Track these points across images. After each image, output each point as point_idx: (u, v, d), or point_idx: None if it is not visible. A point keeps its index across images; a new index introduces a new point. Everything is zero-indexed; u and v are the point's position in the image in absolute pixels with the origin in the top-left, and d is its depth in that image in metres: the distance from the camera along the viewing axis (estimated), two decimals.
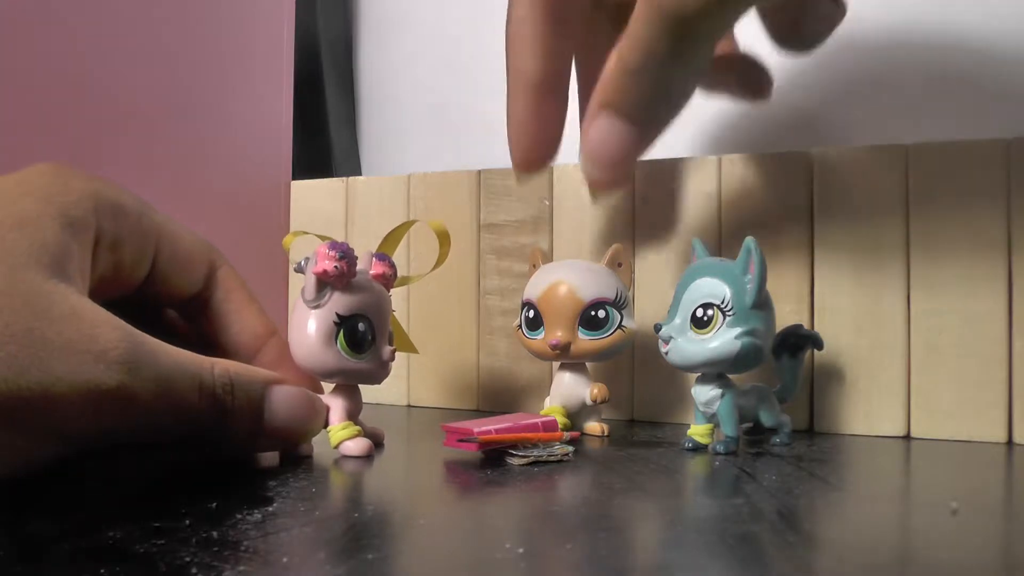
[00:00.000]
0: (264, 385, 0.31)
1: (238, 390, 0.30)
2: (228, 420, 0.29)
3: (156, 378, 0.27)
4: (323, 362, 0.34)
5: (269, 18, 0.56)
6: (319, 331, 0.34)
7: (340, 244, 0.34)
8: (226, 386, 0.29)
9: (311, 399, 0.33)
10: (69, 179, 0.29)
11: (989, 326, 0.40)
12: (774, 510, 0.26)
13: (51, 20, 0.42)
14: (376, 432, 0.38)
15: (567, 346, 0.40)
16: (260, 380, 0.31)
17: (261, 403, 0.31)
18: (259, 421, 0.31)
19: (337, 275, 0.34)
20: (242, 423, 0.30)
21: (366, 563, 0.21)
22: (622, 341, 0.41)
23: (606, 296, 0.40)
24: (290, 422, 0.32)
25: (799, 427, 0.43)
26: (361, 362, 0.35)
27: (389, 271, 0.37)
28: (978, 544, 0.24)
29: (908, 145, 0.42)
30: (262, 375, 0.31)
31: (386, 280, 0.37)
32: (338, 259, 0.34)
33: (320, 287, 0.34)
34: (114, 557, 0.20)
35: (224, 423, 0.29)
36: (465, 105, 0.63)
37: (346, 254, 0.34)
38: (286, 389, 0.32)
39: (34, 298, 0.25)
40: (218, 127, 0.53)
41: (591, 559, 0.22)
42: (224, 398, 0.29)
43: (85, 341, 0.25)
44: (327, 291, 0.34)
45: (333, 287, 0.34)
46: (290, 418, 0.32)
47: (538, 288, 0.42)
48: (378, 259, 0.37)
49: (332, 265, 0.33)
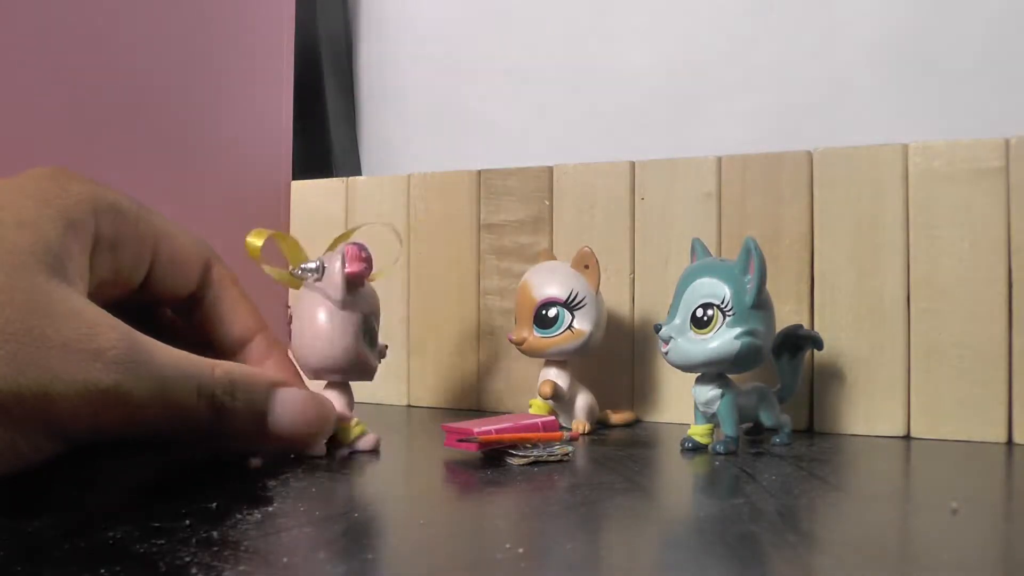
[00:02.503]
0: (268, 389, 0.31)
1: (240, 392, 0.30)
2: (227, 422, 0.29)
3: (152, 378, 0.27)
4: (353, 358, 0.35)
5: (269, 18, 0.56)
6: (352, 330, 0.35)
7: (363, 245, 0.35)
8: (226, 388, 0.29)
9: (319, 402, 0.33)
10: (68, 182, 0.29)
11: (989, 326, 0.40)
12: (774, 510, 0.26)
13: (51, 21, 0.42)
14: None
15: (522, 342, 0.42)
16: (264, 384, 0.31)
17: (264, 407, 0.31)
18: (262, 424, 0.31)
19: (366, 275, 0.35)
20: (243, 425, 0.30)
21: (366, 563, 0.21)
22: (572, 342, 0.41)
23: (556, 296, 0.41)
24: (297, 426, 0.32)
25: (799, 427, 0.43)
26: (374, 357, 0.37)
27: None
28: (978, 544, 0.24)
29: (908, 145, 0.42)
30: (266, 379, 0.31)
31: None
32: (364, 260, 0.35)
33: (350, 287, 0.35)
34: (114, 557, 0.20)
35: (223, 425, 0.29)
36: (465, 105, 0.63)
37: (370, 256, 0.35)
38: (293, 392, 0.32)
39: (35, 296, 0.25)
40: (218, 127, 0.53)
41: (591, 559, 0.22)
42: (223, 399, 0.29)
43: (83, 340, 0.26)
44: (355, 291, 0.35)
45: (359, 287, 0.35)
46: (296, 422, 0.32)
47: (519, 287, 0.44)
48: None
49: (364, 266, 0.35)
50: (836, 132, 0.52)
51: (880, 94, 0.52)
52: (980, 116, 0.49)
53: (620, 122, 0.58)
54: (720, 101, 0.56)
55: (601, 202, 0.48)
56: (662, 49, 0.57)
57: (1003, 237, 0.40)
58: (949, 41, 0.50)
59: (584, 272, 0.42)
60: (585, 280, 0.42)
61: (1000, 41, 0.49)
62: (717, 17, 0.56)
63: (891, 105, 0.51)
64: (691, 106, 0.56)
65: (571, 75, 0.60)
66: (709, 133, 0.55)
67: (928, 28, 0.51)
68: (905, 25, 0.51)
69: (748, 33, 0.55)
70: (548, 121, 0.60)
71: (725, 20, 0.56)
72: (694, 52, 0.56)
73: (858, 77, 0.52)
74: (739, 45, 0.55)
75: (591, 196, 0.48)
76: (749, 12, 0.55)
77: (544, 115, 0.61)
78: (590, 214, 0.48)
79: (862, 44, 0.52)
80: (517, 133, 0.61)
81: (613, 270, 0.47)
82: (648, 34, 0.58)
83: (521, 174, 0.50)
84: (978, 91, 0.49)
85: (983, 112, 0.49)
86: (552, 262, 0.44)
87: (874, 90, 0.52)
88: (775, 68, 0.54)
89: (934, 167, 0.41)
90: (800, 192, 0.44)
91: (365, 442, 0.35)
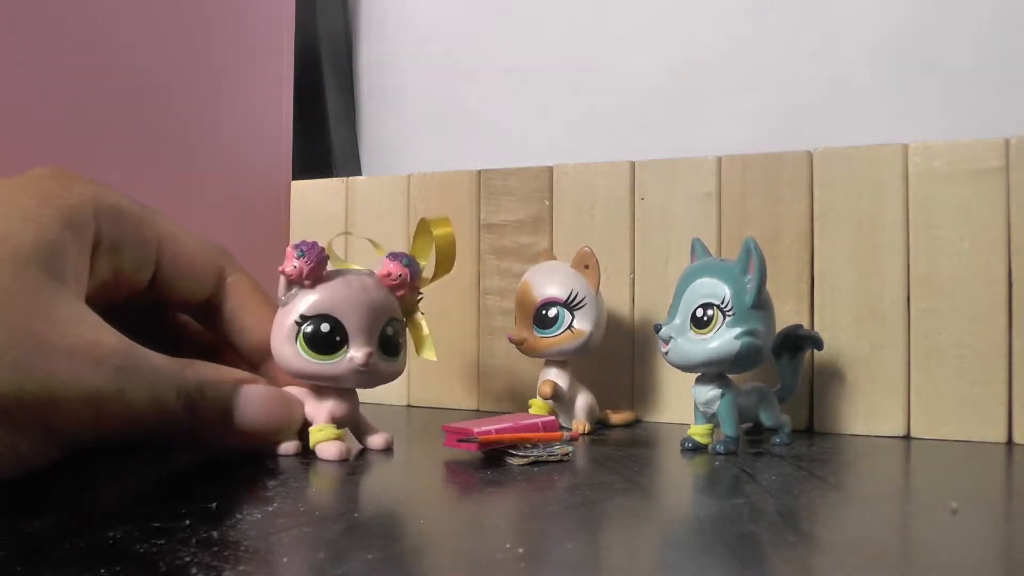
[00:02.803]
0: (234, 385, 0.31)
1: (207, 390, 0.30)
2: (197, 419, 0.30)
3: (146, 382, 0.28)
4: (284, 361, 0.34)
5: (269, 18, 0.56)
6: (281, 330, 0.34)
7: (305, 243, 0.34)
8: (196, 386, 0.30)
9: (283, 398, 0.33)
10: (70, 182, 0.30)
11: (989, 326, 0.40)
12: (774, 510, 0.26)
13: (51, 21, 0.42)
14: (378, 433, 0.37)
15: (522, 342, 0.42)
16: (230, 380, 0.31)
17: (230, 403, 0.31)
18: (229, 421, 0.31)
19: (296, 274, 0.33)
20: (211, 423, 0.30)
21: (366, 563, 0.21)
22: (572, 342, 0.41)
23: (557, 296, 0.41)
24: (259, 422, 0.32)
25: (799, 427, 0.43)
26: (324, 364, 0.33)
27: (397, 272, 0.35)
28: (978, 544, 0.24)
29: (908, 145, 0.42)
30: (233, 375, 0.32)
31: (393, 282, 0.35)
32: (297, 258, 0.33)
33: (288, 286, 0.34)
34: (114, 557, 0.20)
35: (195, 422, 0.30)
36: (465, 105, 0.63)
37: (306, 253, 0.33)
38: (257, 389, 0.32)
39: (37, 300, 0.26)
40: (218, 127, 0.53)
41: (591, 559, 0.22)
42: (195, 397, 0.30)
43: (87, 347, 0.26)
44: (295, 290, 0.34)
45: (300, 286, 0.34)
46: (259, 418, 0.32)
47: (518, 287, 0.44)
48: (389, 259, 0.36)
49: (291, 264, 0.33)
50: (836, 132, 0.52)
51: (880, 94, 0.52)
52: (980, 116, 0.49)
53: (620, 122, 0.58)
54: (720, 101, 0.56)
55: (601, 202, 0.48)
56: (662, 49, 0.57)
57: (1003, 237, 0.40)
58: (949, 41, 0.50)
59: (584, 272, 0.42)
60: (585, 280, 0.42)
61: (1000, 41, 0.49)
62: (717, 17, 0.56)
63: (891, 105, 0.51)
64: (691, 106, 0.56)
65: (571, 75, 0.60)
66: (709, 133, 0.55)
67: (928, 28, 0.51)
68: (905, 25, 0.51)
69: (748, 33, 0.55)
70: (548, 121, 0.60)
71: (725, 20, 0.56)
72: (694, 52, 0.56)
73: (858, 77, 0.52)
74: (739, 45, 0.55)
75: (591, 196, 0.48)
76: (749, 12, 0.55)
77: (544, 115, 0.60)
78: (590, 214, 0.48)
79: (862, 44, 0.52)
80: (517, 133, 0.61)
81: (613, 270, 0.47)
82: (648, 34, 0.58)
83: (521, 174, 0.50)
84: (978, 91, 0.49)
85: (983, 112, 0.49)
86: (552, 262, 0.44)
87: (874, 90, 0.52)
88: (775, 68, 0.54)
89: (934, 167, 0.41)
90: (800, 192, 0.44)
91: (322, 450, 0.34)
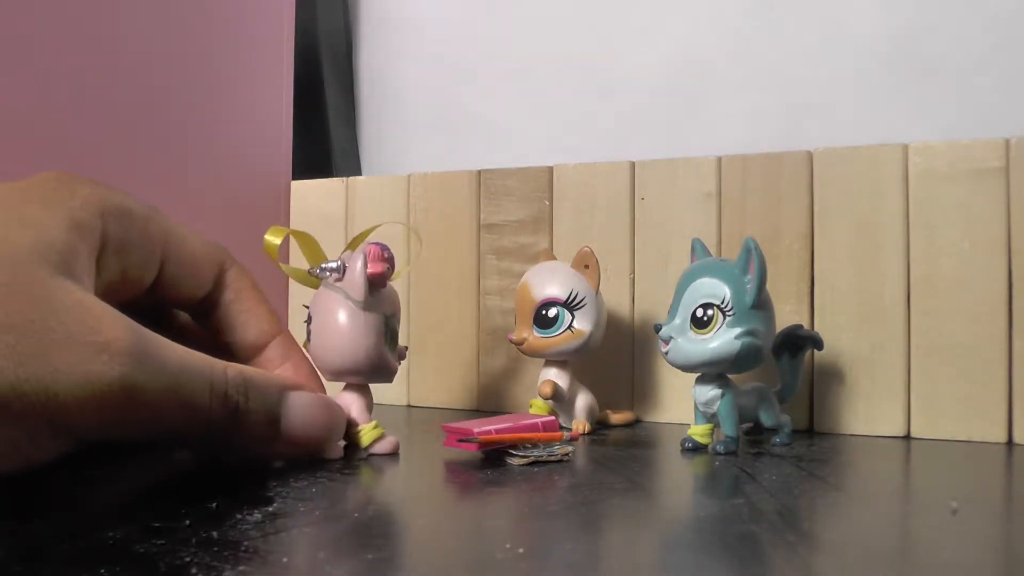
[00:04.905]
0: (280, 391, 0.31)
1: (253, 394, 0.29)
2: (242, 424, 0.29)
3: (162, 374, 0.27)
4: (375, 362, 0.35)
5: (269, 18, 0.56)
6: (374, 331, 0.34)
7: (385, 245, 0.35)
8: (240, 389, 0.29)
9: (329, 405, 0.33)
10: (75, 185, 0.29)
11: (989, 326, 0.40)
12: (774, 510, 0.26)
13: (51, 21, 0.42)
14: (384, 439, 0.37)
15: (522, 342, 0.42)
16: (276, 386, 0.31)
17: (278, 409, 0.31)
18: (275, 427, 0.31)
19: (389, 275, 0.35)
20: (257, 428, 0.30)
21: (366, 563, 0.21)
22: (572, 342, 0.41)
23: (557, 296, 0.41)
24: (309, 429, 0.32)
25: (799, 427, 0.43)
26: (394, 359, 0.36)
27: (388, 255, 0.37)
28: (978, 544, 0.24)
29: (908, 145, 0.42)
30: (279, 381, 0.31)
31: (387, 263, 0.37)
32: (389, 259, 0.34)
33: (372, 288, 0.34)
34: (114, 557, 0.20)
35: (238, 427, 0.29)
36: (465, 105, 0.63)
37: (392, 254, 0.35)
38: (303, 396, 0.32)
39: (37, 291, 0.25)
40: (218, 127, 0.53)
41: (591, 559, 0.22)
42: (237, 400, 0.29)
43: (88, 333, 0.25)
44: (377, 292, 0.35)
45: (381, 287, 0.35)
46: (308, 425, 0.32)
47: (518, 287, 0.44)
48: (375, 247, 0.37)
49: (386, 266, 0.34)
50: (836, 132, 0.52)
51: (880, 94, 0.52)
52: (980, 116, 0.49)
53: (620, 122, 0.58)
54: (720, 101, 0.56)
55: (601, 202, 0.48)
56: (662, 49, 0.57)
57: (1003, 237, 0.40)
58: (949, 41, 0.50)
59: (584, 272, 0.42)
60: (585, 280, 0.42)
61: (1000, 41, 0.49)
62: (717, 17, 0.56)
63: (891, 105, 0.51)
64: (691, 106, 0.56)
65: (571, 75, 0.60)
66: (709, 133, 0.55)
67: (928, 28, 0.51)
68: (905, 25, 0.51)
69: (748, 33, 0.55)
70: (548, 121, 0.60)
71: (725, 20, 0.56)
72: (694, 52, 0.56)
73: (858, 77, 0.52)
74: (739, 45, 0.55)
75: (591, 196, 0.48)
76: (749, 12, 0.55)
77: (544, 115, 0.61)
78: (590, 214, 0.48)
79: (862, 44, 0.52)
80: (517, 133, 0.61)
81: (613, 270, 0.47)
82: (648, 34, 0.58)
83: (521, 174, 0.50)
84: (978, 91, 0.49)
85: (983, 112, 0.49)
86: (552, 262, 0.44)
87: (874, 90, 0.52)
88: (775, 68, 0.55)
89: (934, 167, 0.41)
90: (800, 192, 0.44)
91: (382, 446, 0.35)
